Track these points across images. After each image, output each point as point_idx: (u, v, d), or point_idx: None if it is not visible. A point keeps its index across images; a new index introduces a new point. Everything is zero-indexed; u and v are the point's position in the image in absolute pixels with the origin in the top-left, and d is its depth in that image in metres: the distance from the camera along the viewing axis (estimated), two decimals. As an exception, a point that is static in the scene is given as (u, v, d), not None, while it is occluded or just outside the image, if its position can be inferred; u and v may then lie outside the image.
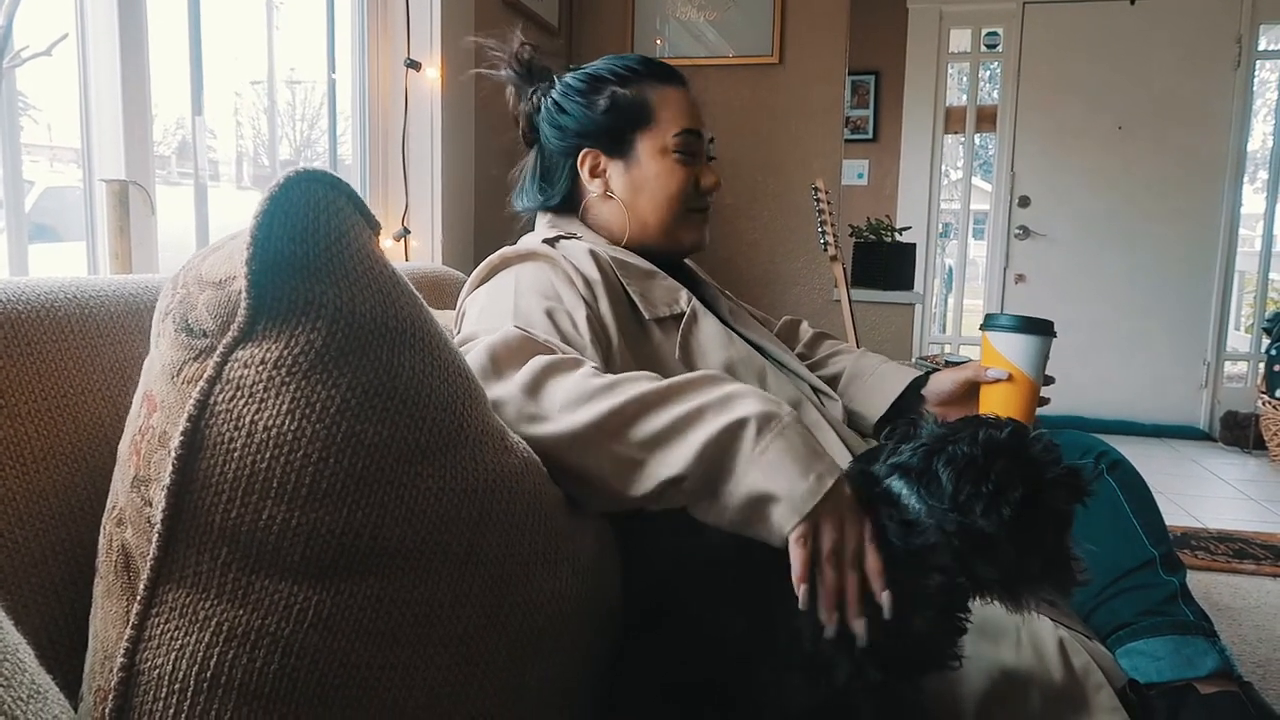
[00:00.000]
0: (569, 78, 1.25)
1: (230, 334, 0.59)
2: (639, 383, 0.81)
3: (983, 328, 1.23)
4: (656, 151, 1.20)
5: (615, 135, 1.21)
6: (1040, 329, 1.18)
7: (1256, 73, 4.20)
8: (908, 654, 0.77)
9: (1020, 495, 0.73)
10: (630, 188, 1.22)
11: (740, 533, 0.80)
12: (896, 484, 0.80)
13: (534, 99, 1.27)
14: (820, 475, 0.76)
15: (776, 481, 0.75)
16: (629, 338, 1.09)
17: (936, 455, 0.77)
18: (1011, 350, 1.19)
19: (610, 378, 0.83)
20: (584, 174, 1.24)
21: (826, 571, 0.75)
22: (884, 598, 0.75)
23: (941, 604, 0.77)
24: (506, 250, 1.14)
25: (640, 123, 1.20)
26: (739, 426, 0.77)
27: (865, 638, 0.74)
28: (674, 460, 0.77)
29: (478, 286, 1.12)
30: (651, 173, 1.21)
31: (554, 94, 1.25)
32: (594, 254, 1.12)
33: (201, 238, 1.63)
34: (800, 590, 0.75)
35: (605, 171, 1.23)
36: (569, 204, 1.27)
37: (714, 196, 1.28)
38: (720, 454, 0.77)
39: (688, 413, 0.79)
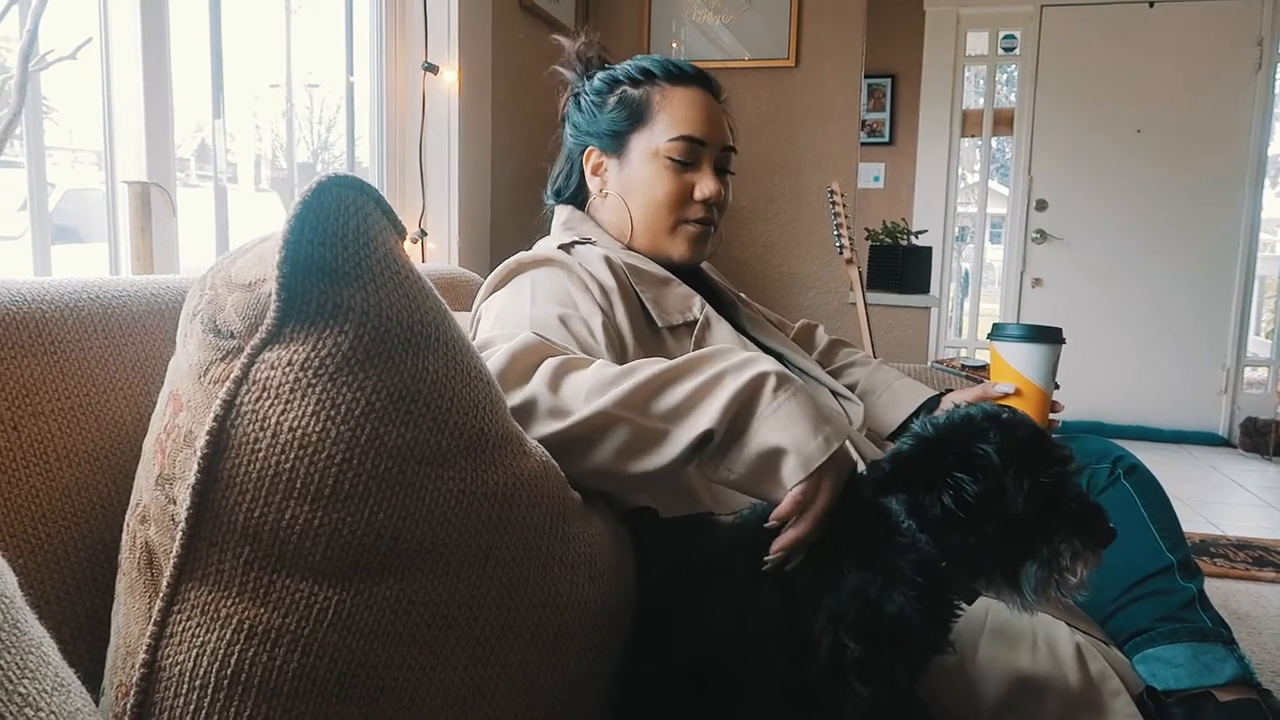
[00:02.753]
0: (596, 78, 1.25)
1: (258, 335, 0.60)
2: (655, 363, 0.84)
3: (990, 337, 1.23)
4: (648, 154, 1.18)
5: (614, 134, 1.21)
6: (1048, 337, 1.18)
7: (1278, 76, 4.16)
8: (885, 629, 0.77)
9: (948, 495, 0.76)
10: (624, 188, 1.21)
11: (748, 491, 0.83)
12: (881, 467, 0.83)
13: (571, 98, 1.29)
14: (828, 437, 0.80)
15: (788, 437, 0.79)
16: (643, 344, 1.09)
17: (907, 440, 0.82)
18: (1020, 360, 1.18)
19: (625, 365, 0.85)
20: (587, 171, 1.24)
21: (805, 523, 0.79)
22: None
23: (920, 583, 0.78)
24: (522, 256, 1.14)
25: (636, 123, 1.19)
26: (761, 379, 0.80)
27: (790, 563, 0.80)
28: (701, 420, 0.79)
29: (493, 291, 1.12)
30: (639, 176, 1.19)
31: (580, 93, 1.26)
32: (609, 260, 1.12)
33: (220, 239, 1.65)
34: (773, 524, 0.80)
35: (605, 170, 1.23)
36: (578, 199, 1.28)
37: (722, 212, 1.23)
38: (744, 406, 0.80)
39: (709, 378, 0.81)
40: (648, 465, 0.81)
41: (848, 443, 1.10)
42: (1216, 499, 3.28)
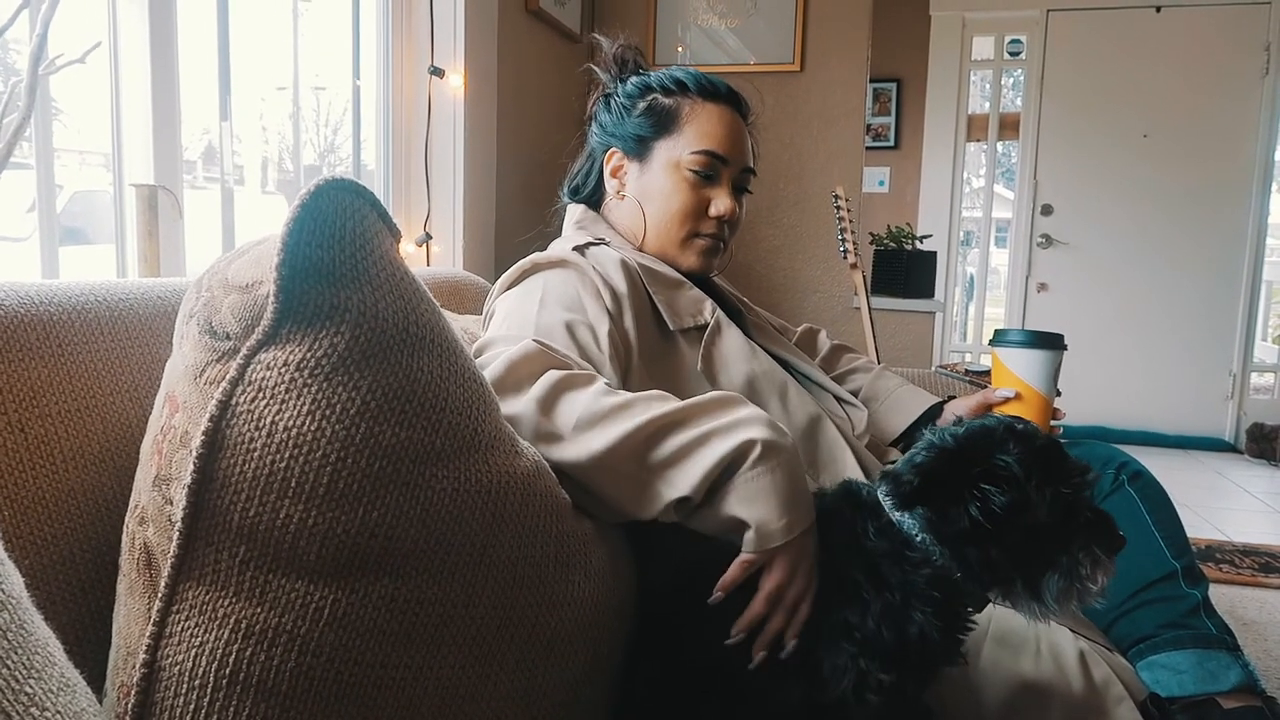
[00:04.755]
0: (629, 83, 1.26)
1: (254, 337, 0.60)
2: (651, 405, 0.83)
3: (992, 343, 1.23)
4: (670, 164, 1.19)
5: (639, 138, 1.21)
6: (1049, 343, 1.18)
7: (1285, 80, 4.15)
8: (910, 652, 0.77)
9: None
10: (641, 193, 1.22)
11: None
12: (883, 487, 0.83)
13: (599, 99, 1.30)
14: (790, 524, 0.80)
15: (753, 513, 0.79)
16: (650, 351, 1.08)
17: (925, 451, 0.82)
18: (1021, 366, 1.19)
19: (623, 397, 0.84)
20: (606, 171, 1.25)
21: (758, 604, 0.80)
22: (790, 644, 0.80)
23: (938, 599, 0.78)
24: (537, 256, 1.14)
25: (662, 130, 1.20)
26: (748, 447, 0.80)
27: (759, 664, 0.80)
28: (682, 482, 0.80)
29: (507, 289, 1.12)
30: (658, 183, 1.20)
31: (610, 95, 1.27)
32: (624, 264, 1.12)
33: (227, 241, 1.65)
34: (716, 594, 0.81)
35: (624, 172, 1.24)
36: (594, 199, 1.29)
37: (734, 230, 1.24)
38: (722, 475, 0.80)
39: (696, 437, 0.81)
40: (625, 511, 0.83)
41: (849, 454, 1.11)
42: (1222, 504, 3.26)
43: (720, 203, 1.19)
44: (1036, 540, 0.77)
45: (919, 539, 0.79)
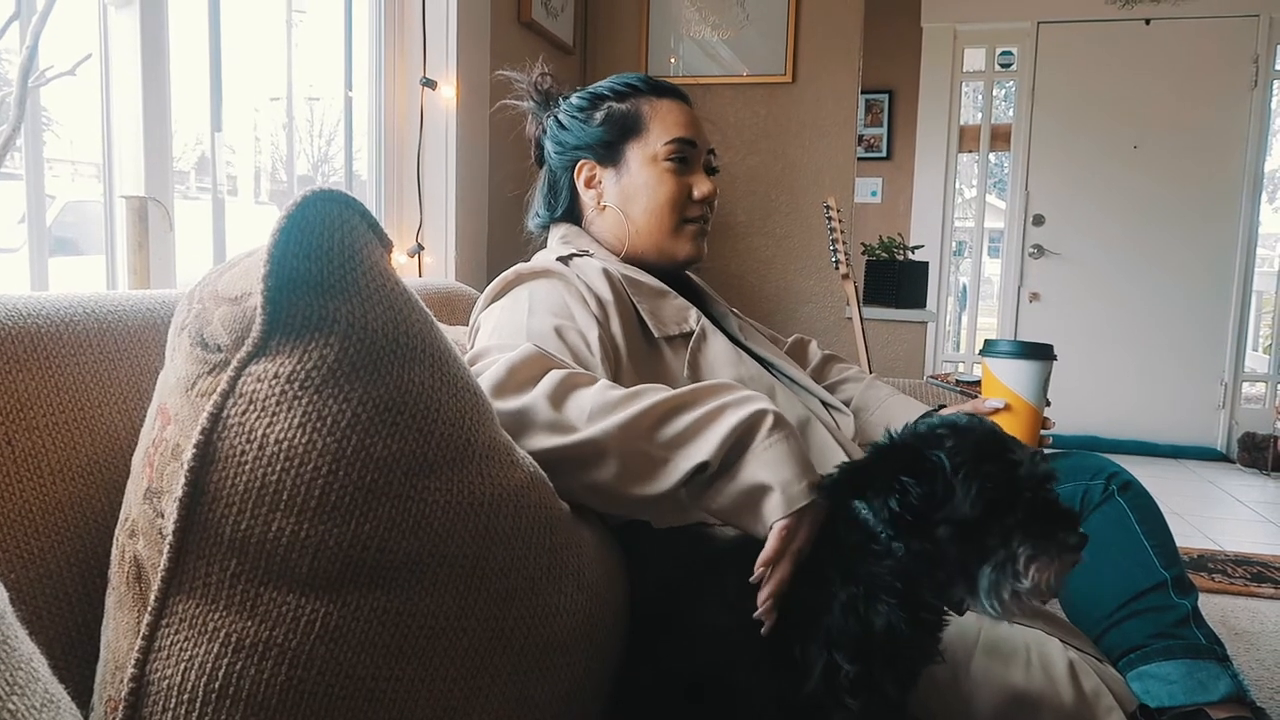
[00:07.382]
0: (574, 98, 1.29)
1: (245, 349, 0.60)
2: (660, 390, 0.86)
3: (981, 354, 1.24)
4: (647, 160, 1.22)
5: (608, 146, 1.24)
6: (1039, 354, 1.18)
7: (1274, 93, 4.19)
8: (877, 644, 0.78)
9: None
10: (622, 197, 1.24)
11: (728, 521, 0.86)
12: (831, 474, 0.84)
13: (544, 122, 1.31)
14: (811, 484, 0.82)
15: (775, 476, 0.81)
16: (637, 357, 1.10)
17: (876, 448, 0.84)
18: (1011, 376, 1.19)
19: (630, 389, 0.86)
20: (580, 185, 1.27)
21: (785, 565, 0.81)
22: (769, 602, 0.81)
23: (899, 589, 0.78)
24: (521, 267, 1.16)
25: (631, 133, 1.23)
26: (760, 416, 0.83)
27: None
28: (698, 451, 0.82)
29: (492, 302, 1.13)
30: (641, 181, 1.23)
31: (559, 114, 1.29)
32: (607, 273, 1.14)
33: (218, 252, 1.65)
34: (759, 570, 0.81)
35: (600, 181, 1.26)
36: (570, 216, 1.30)
37: (713, 210, 1.28)
38: (740, 441, 0.82)
39: (710, 410, 0.84)
40: (643, 490, 0.83)
41: (841, 454, 1.12)
42: (1215, 514, 3.27)
43: (702, 185, 1.25)
44: (970, 534, 0.77)
45: (881, 534, 0.80)
